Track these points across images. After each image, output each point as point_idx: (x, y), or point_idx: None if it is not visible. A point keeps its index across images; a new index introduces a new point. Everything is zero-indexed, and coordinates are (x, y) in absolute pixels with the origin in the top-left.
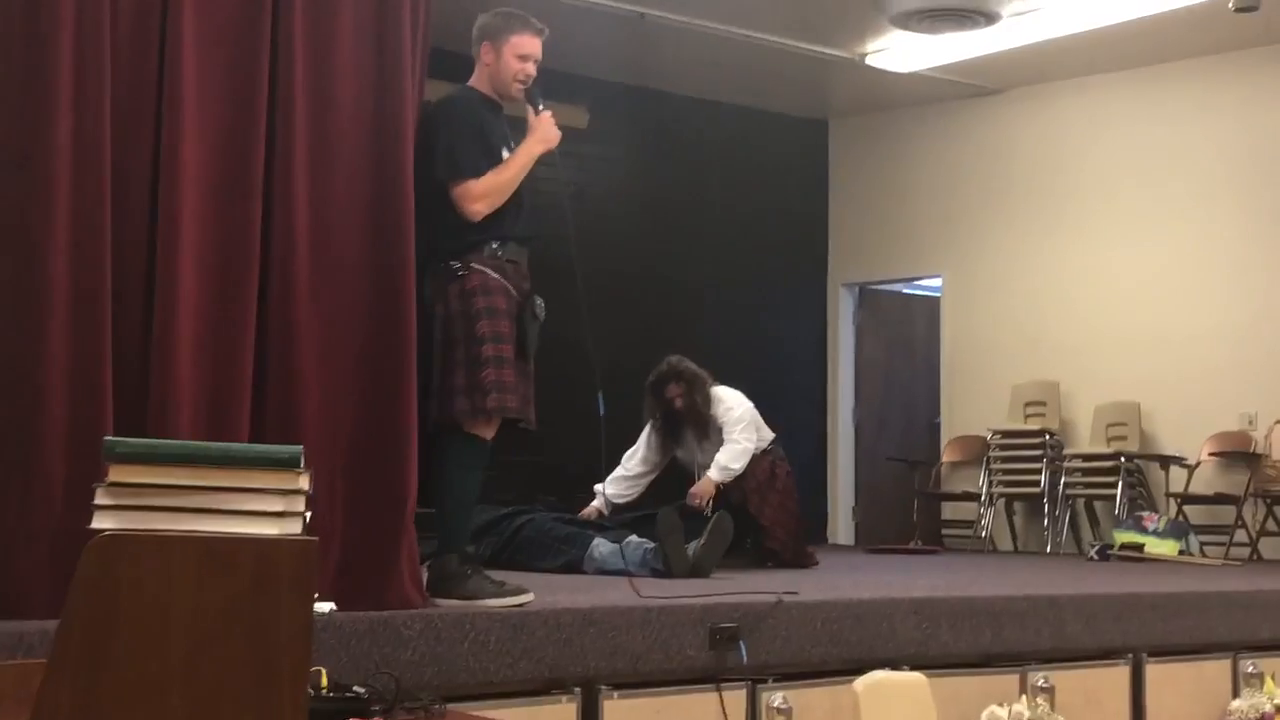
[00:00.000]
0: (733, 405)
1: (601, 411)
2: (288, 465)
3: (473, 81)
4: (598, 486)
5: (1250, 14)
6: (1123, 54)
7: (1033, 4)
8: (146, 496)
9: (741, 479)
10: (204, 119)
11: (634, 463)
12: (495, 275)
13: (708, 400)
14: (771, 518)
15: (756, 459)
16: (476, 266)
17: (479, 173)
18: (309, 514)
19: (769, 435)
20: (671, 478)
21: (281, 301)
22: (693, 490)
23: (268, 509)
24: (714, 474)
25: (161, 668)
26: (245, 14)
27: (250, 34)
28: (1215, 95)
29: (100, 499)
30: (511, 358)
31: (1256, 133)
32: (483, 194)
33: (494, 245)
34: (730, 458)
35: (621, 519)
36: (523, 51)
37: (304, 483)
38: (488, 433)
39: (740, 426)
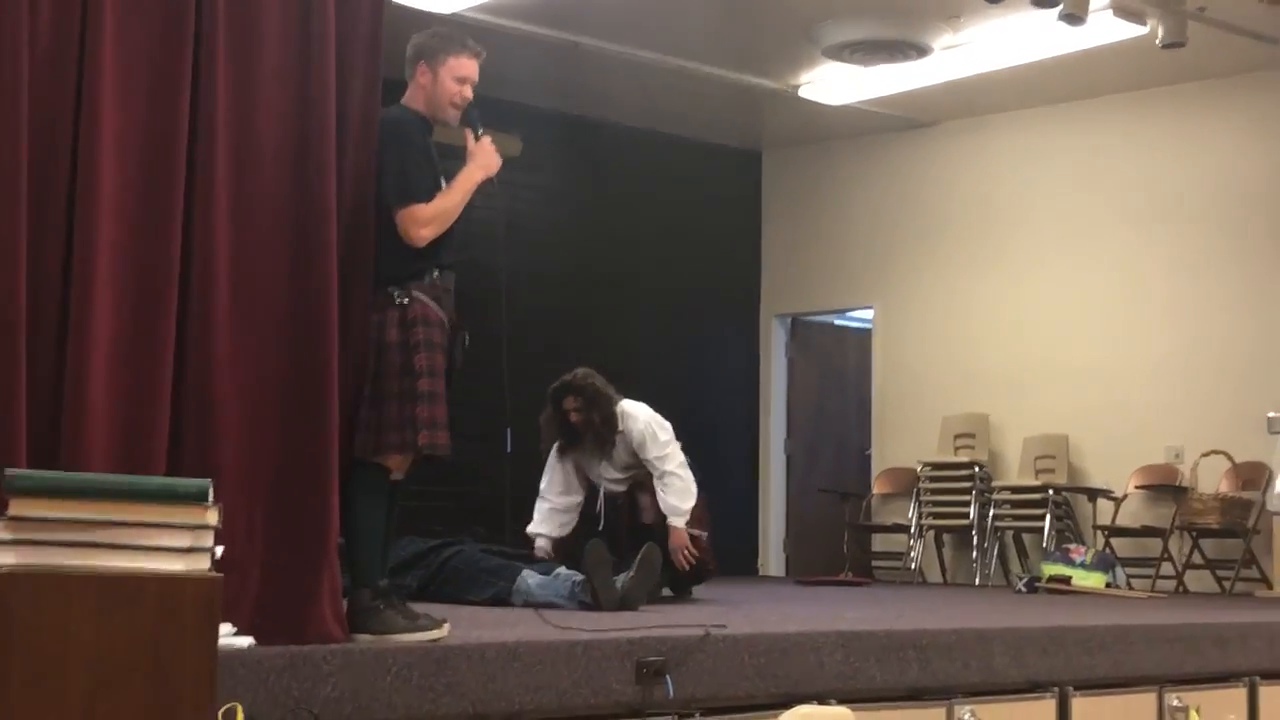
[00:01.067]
0: (652, 426)
1: (508, 448)
2: (195, 499)
3: (407, 100)
4: (530, 531)
5: (1177, 50)
6: (1053, 88)
7: (964, 38)
8: (49, 531)
9: (648, 492)
10: (123, 148)
11: (554, 494)
12: (434, 306)
13: (609, 420)
14: (693, 536)
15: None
16: (418, 295)
17: (428, 197)
18: (219, 549)
19: None
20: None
21: (201, 331)
22: (671, 547)
23: (174, 544)
24: (676, 523)
25: (59, 707)
26: (165, 43)
27: (171, 61)
28: (1144, 130)
29: (0, 534)
30: (443, 392)
31: (1185, 168)
32: (430, 219)
33: (435, 273)
34: (680, 499)
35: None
36: (460, 74)
37: (212, 517)
38: (396, 465)
39: (669, 453)
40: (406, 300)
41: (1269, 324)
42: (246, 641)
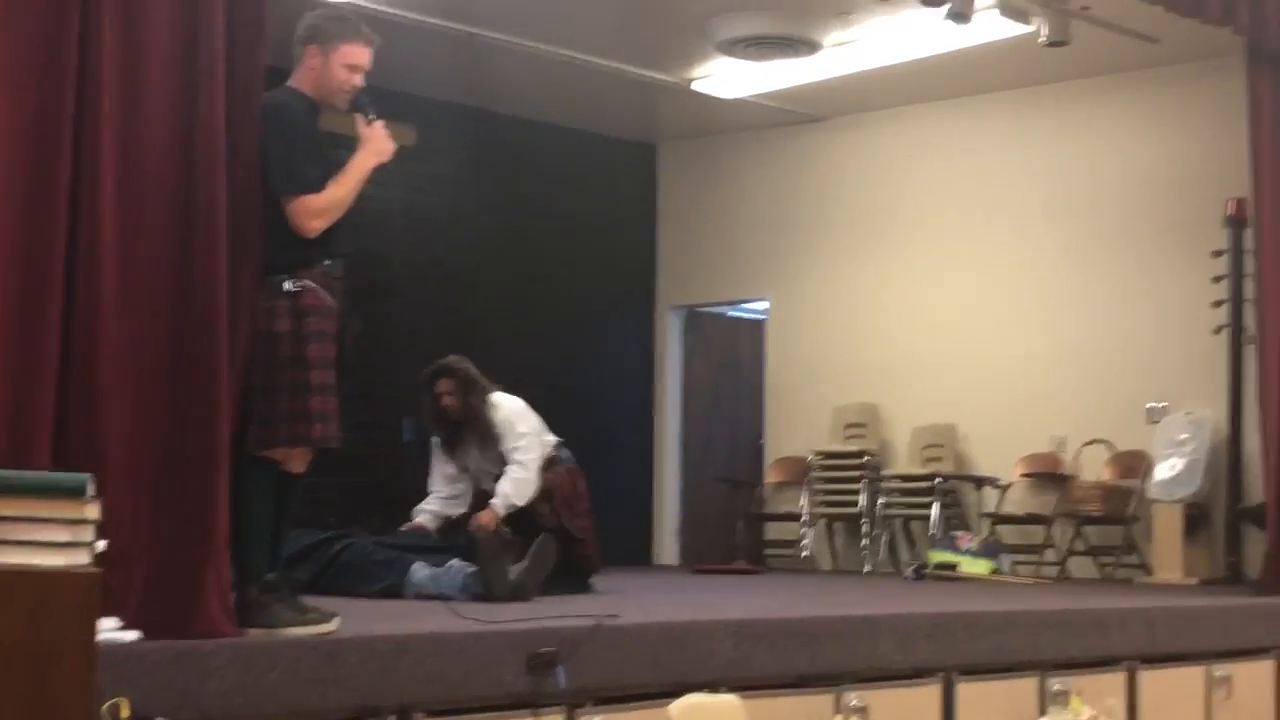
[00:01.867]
0: (512, 418)
1: (406, 437)
2: (74, 494)
3: (294, 83)
4: (415, 510)
5: (1061, 49)
6: (941, 85)
7: (854, 35)
8: None
9: (549, 496)
10: (10, 132)
11: (440, 486)
12: (326, 295)
13: (482, 404)
14: (583, 528)
15: (555, 470)
16: (310, 285)
17: (319, 186)
18: (101, 543)
19: (552, 440)
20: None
21: (87, 319)
22: (475, 518)
23: (53, 539)
24: (499, 505)
25: None
26: (53, 26)
27: (59, 45)
28: (1029, 126)
29: None
30: (334, 383)
31: (1068, 163)
32: (322, 209)
33: (326, 263)
34: (514, 489)
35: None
36: (352, 61)
37: (92, 512)
38: (289, 458)
39: (522, 446)
40: (298, 289)
41: (1149, 316)
42: (133, 635)
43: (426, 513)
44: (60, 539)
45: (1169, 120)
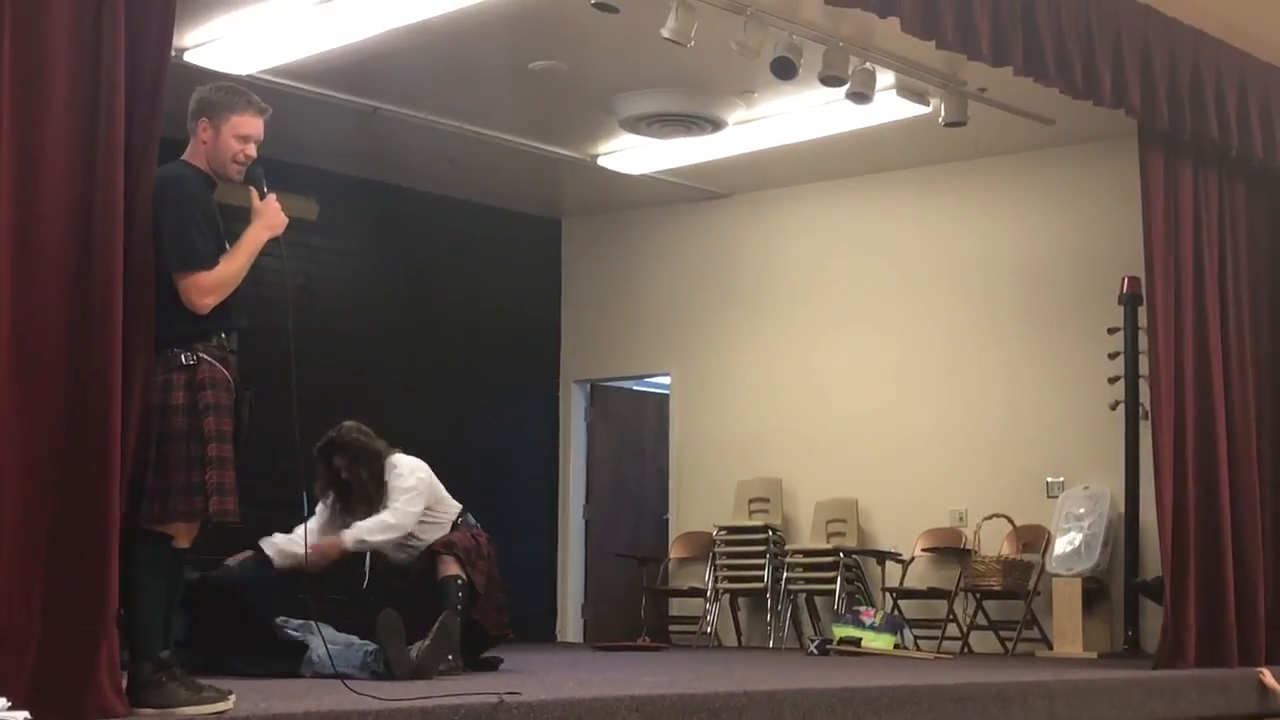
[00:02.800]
0: (404, 473)
1: (307, 511)
2: None
3: (188, 156)
4: (263, 540)
5: (959, 128)
6: (842, 163)
7: (757, 113)
8: None
9: (450, 546)
10: None
11: (312, 525)
12: (221, 368)
13: (378, 473)
14: (482, 587)
15: (456, 530)
16: (205, 358)
17: (212, 264)
18: None
19: (455, 506)
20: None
21: None
22: (315, 544)
23: None
24: (347, 539)
25: None
26: None
27: None
28: (928, 204)
29: None
30: (231, 457)
31: (968, 240)
32: (214, 286)
33: (221, 335)
34: (371, 528)
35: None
36: (243, 131)
37: None
38: (180, 533)
39: (404, 498)
40: (193, 362)
41: (1048, 391)
42: (22, 716)
43: (274, 546)
44: None
45: (1065, 199)
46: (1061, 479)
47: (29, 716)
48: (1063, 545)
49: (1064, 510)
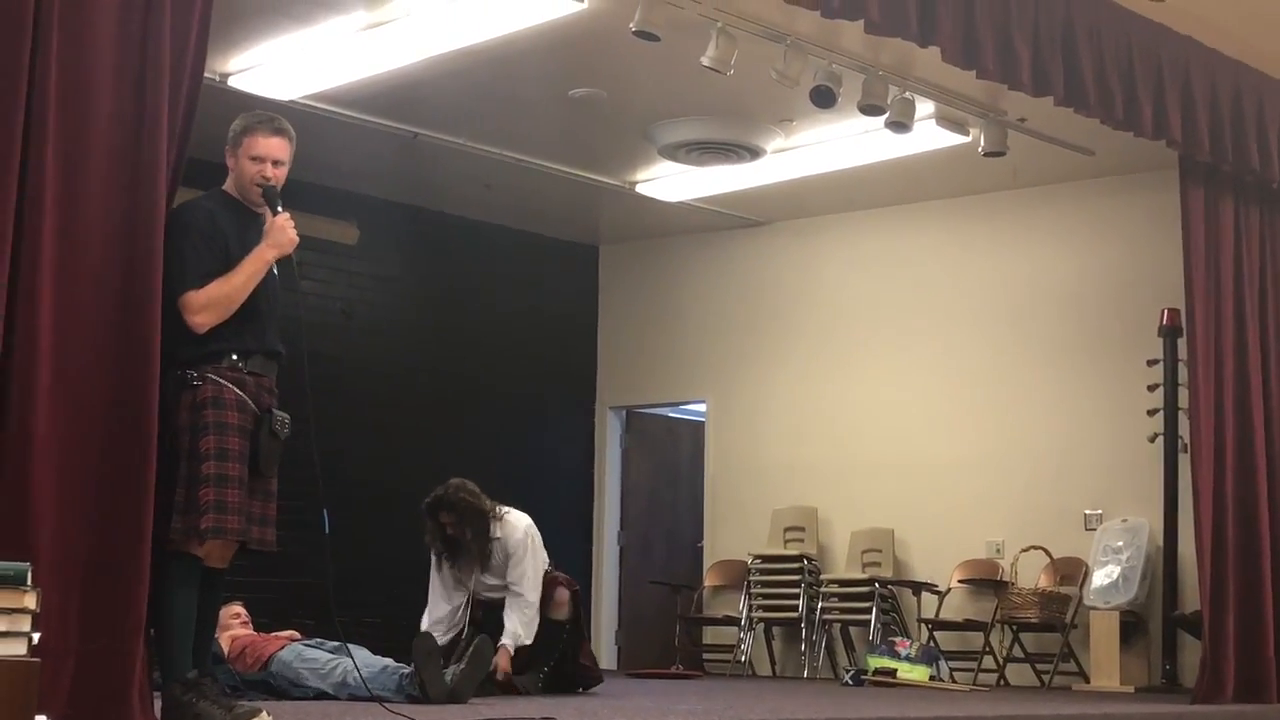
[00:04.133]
0: (521, 539)
1: (327, 529)
2: (13, 583)
3: (224, 185)
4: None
5: (998, 159)
6: (880, 192)
7: (795, 141)
8: None
9: (575, 613)
10: None
11: (439, 602)
12: (232, 388)
13: (483, 533)
14: (584, 647)
15: (556, 590)
16: (212, 377)
17: (201, 283)
18: (37, 634)
19: (545, 561)
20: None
21: (21, 412)
22: (497, 664)
23: None
24: (509, 644)
25: None
26: None
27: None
28: (967, 234)
29: None
30: (238, 476)
31: (1006, 271)
32: (204, 305)
33: (234, 358)
34: (525, 629)
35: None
36: (255, 153)
37: (31, 601)
38: (208, 553)
39: (528, 579)
40: (199, 382)
41: (1085, 423)
42: None
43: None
44: None
45: (1105, 230)
46: (1100, 511)
47: None
48: (1100, 578)
49: (1102, 543)
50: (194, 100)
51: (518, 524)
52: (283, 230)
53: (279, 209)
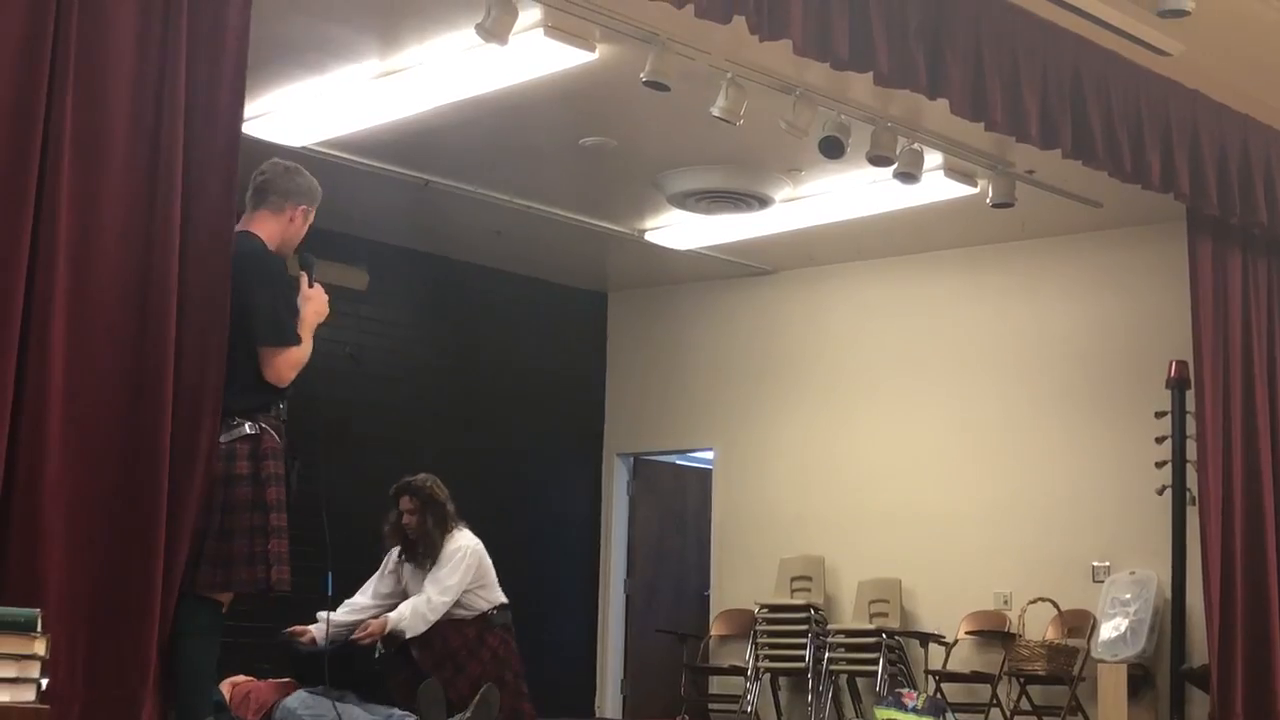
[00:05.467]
0: (458, 549)
1: (329, 592)
2: (23, 629)
3: (263, 231)
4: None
5: (1006, 210)
6: (888, 242)
7: (804, 191)
8: None
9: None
10: None
11: (368, 598)
12: (276, 437)
13: (441, 527)
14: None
15: (488, 641)
16: (267, 428)
17: (298, 340)
18: (45, 680)
19: (498, 599)
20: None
21: (31, 459)
22: (364, 624)
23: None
24: (391, 620)
25: None
26: (10, 153)
27: (15, 173)
28: (975, 285)
29: None
30: (286, 526)
31: (1014, 322)
32: (299, 361)
33: (280, 405)
34: (412, 618)
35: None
36: (313, 220)
37: (40, 647)
38: (226, 599)
39: (448, 587)
40: (257, 432)
41: (1093, 475)
42: None
43: (329, 619)
44: (7, 674)
45: (1113, 282)
46: (1108, 563)
47: None
48: (1108, 631)
49: (1110, 595)
50: (230, 154)
51: (461, 540)
52: (324, 300)
53: (315, 277)
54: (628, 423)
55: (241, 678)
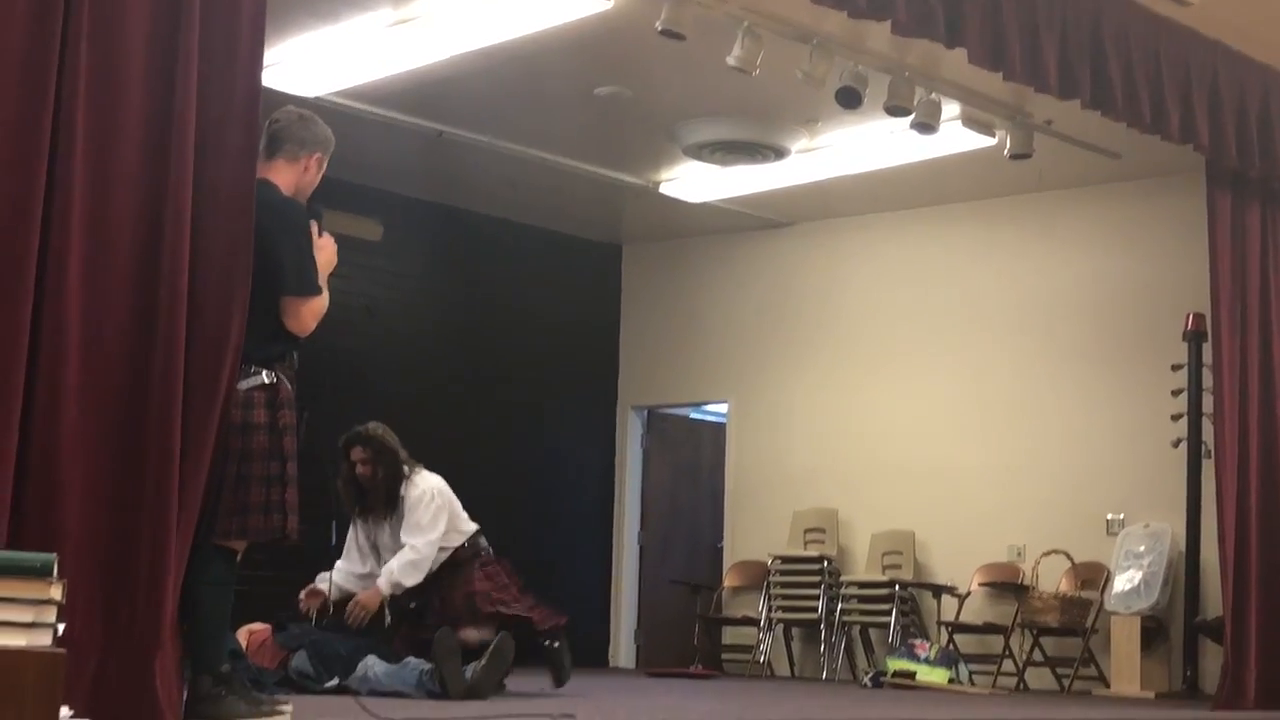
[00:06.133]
0: (422, 497)
1: (334, 540)
2: (39, 574)
3: (279, 180)
4: (323, 575)
5: (1024, 161)
6: (905, 193)
7: (820, 143)
8: None
9: (473, 610)
10: None
11: (352, 558)
12: (289, 387)
13: (395, 475)
14: (529, 607)
15: (471, 570)
16: (283, 377)
17: (320, 289)
18: (62, 625)
19: (470, 528)
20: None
21: (48, 406)
22: (356, 600)
23: (16, 619)
24: (383, 584)
25: None
26: (25, 102)
27: (31, 121)
28: (991, 237)
29: None
30: (297, 476)
31: (1030, 274)
32: (320, 311)
33: (294, 354)
34: (402, 569)
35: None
36: (325, 169)
37: (56, 593)
38: (241, 548)
39: (424, 520)
40: (274, 381)
41: (1109, 428)
42: None
43: (329, 581)
44: (24, 619)
45: (1130, 234)
46: (1122, 516)
47: None
48: (1122, 583)
49: (1124, 548)
50: (252, 102)
51: (423, 483)
52: (333, 250)
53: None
54: (642, 376)
55: (258, 625)
